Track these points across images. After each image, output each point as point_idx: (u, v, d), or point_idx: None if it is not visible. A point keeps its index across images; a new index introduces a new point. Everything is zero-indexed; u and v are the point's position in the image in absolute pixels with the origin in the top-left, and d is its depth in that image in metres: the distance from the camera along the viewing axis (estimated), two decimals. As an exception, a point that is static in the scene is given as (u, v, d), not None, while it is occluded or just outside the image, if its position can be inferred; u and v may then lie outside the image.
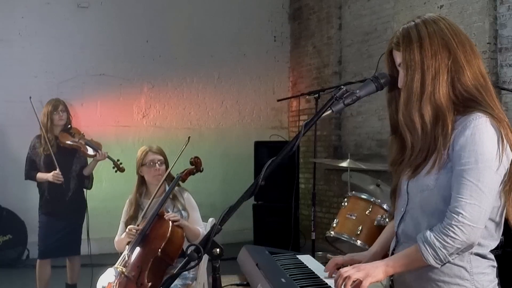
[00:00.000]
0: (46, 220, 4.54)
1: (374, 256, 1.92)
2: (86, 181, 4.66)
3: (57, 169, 4.36)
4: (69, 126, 4.60)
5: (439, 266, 1.60)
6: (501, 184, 1.61)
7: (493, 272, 1.69)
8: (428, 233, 1.60)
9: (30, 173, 4.54)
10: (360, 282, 1.59)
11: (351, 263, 1.92)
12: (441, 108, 1.64)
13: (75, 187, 4.58)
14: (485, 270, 1.66)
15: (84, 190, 4.68)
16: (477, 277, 1.64)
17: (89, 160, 4.69)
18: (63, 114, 4.53)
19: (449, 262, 1.60)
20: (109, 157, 4.62)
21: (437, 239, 1.57)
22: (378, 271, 1.63)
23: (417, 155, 1.68)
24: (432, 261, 1.58)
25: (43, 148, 4.45)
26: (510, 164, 1.61)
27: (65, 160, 4.46)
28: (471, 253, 1.64)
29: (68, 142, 4.52)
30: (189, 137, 3.53)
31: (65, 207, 4.50)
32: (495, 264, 1.70)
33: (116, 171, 4.66)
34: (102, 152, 4.58)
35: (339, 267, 1.89)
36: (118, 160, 4.65)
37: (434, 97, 1.64)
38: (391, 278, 1.82)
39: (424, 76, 1.64)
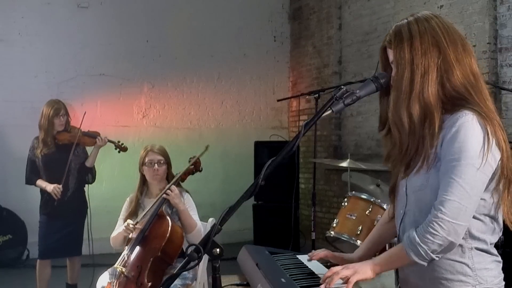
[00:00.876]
0: (46, 220, 4.53)
1: (360, 259, 1.93)
2: (89, 175, 4.62)
3: (61, 184, 4.38)
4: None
5: (424, 264, 1.60)
6: (491, 182, 1.61)
7: (498, 267, 1.68)
8: (411, 230, 1.61)
9: (31, 177, 4.54)
10: (348, 278, 1.63)
11: (340, 261, 1.93)
12: (429, 107, 1.64)
13: (75, 186, 4.56)
14: (488, 266, 1.66)
15: (85, 190, 4.65)
16: (480, 272, 1.64)
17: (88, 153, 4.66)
18: (63, 119, 4.50)
19: (433, 259, 1.59)
20: (109, 141, 4.60)
21: (418, 236, 1.58)
22: (366, 268, 1.66)
23: (405, 153, 1.69)
24: (414, 258, 1.59)
25: (41, 150, 4.44)
26: (500, 160, 1.61)
27: (62, 159, 4.43)
28: (472, 249, 1.64)
29: (67, 138, 4.49)
30: (207, 146, 3.51)
31: (65, 207, 4.47)
32: (499, 259, 1.69)
33: (119, 152, 4.66)
34: (102, 137, 4.54)
35: (327, 261, 1.92)
36: (119, 142, 4.64)
37: (423, 96, 1.64)
38: (399, 281, 1.82)
39: (414, 75, 1.65)
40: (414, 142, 1.66)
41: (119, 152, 4.67)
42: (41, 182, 4.48)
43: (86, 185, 4.67)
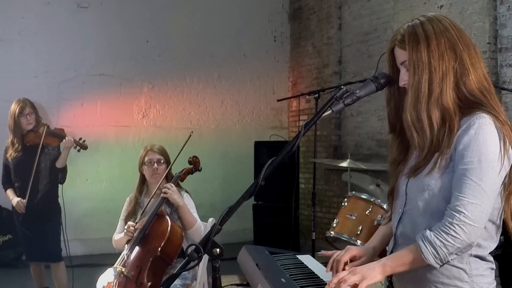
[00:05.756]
0: (19, 222, 4.42)
1: (373, 250, 1.90)
2: (60, 175, 4.43)
3: (26, 199, 4.23)
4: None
5: (438, 266, 1.58)
6: (501, 186, 1.60)
7: (492, 274, 1.68)
8: (428, 232, 1.58)
9: (4, 183, 4.43)
10: (357, 285, 1.57)
11: (357, 255, 1.87)
12: (448, 110, 1.62)
13: (46, 188, 4.38)
14: (484, 272, 1.65)
15: (60, 194, 4.48)
16: (476, 279, 1.63)
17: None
18: (30, 118, 4.31)
19: (447, 262, 1.58)
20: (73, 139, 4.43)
21: (437, 238, 1.55)
22: (375, 272, 1.59)
23: (425, 156, 1.66)
24: (432, 260, 1.56)
25: (10, 153, 4.31)
26: (511, 168, 1.60)
27: (31, 161, 4.27)
28: (471, 255, 1.63)
29: (32, 139, 4.33)
30: (191, 132, 3.53)
31: (36, 210, 4.31)
32: (493, 266, 1.69)
33: (79, 150, 4.49)
34: (67, 138, 4.33)
35: (328, 261, 1.88)
36: (80, 139, 4.45)
37: (442, 99, 1.62)
38: (389, 279, 1.81)
39: (432, 77, 1.63)
40: (433, 146, 1.64)
41: (78, 150, 4.48)
42: (9, 193, 4.36)
43: (62, 187, 4.50)
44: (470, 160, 1.56)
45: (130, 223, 3.33)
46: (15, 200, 4.30)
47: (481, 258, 1.65)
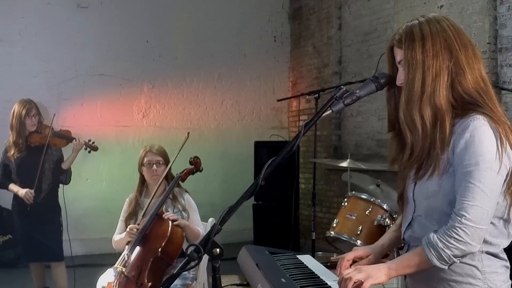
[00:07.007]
0: (20, 222, 4.43)
1: (382, 248, 1.91)
2: (63, 176, 4.47)
3: (33, 189, 4.23)
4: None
5: (445, 267, 1.59)
6: (504, 184, 1.60)
7: (506, 272, 1.68)
8: (432, 235, 1.59)
9: (4, 181, 4.41)
10: (362, 283, 1.59)
11: (362, 256, 1.90)
12: (440, 110, 1.63)
13: (49, 188, 4.41)
14: (497, 270, 1.65)
15: (60, 194, 4.50)
16: (490, 276, 1.63)
17: (65, 153, 4.53)
18: (35, 120, 4.33)
19: (454, 263, 1.58)
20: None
21: (440, 240, 1.56)
22: (380, 273, 1.62)
23: (417, 155, 1.67)
24: (436, 262, 1.58)
25: (12, 153, 4.31)
26: None
27: (35, 161, 4.29)
28: (482, 252, 1.63)
29: (38, 140, 4.34)
30: (188, 133, 3.53)
31: (38, 210, 4.31)
32: (508, 264, 1.69)
33: (89, 152, 4.53)
34: (78, 140, 4.38)
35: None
36: (89, 140, 4.50)
37: (434, 98, 1.63)
38: (405, 282, 1.81)
39: (425, 76, 1.64)
40: (426, 145, 1.65)
41: (89, 152, 4.52)
42: (13, 187, 4.35)
43: (63, 187, 4.52)
44: (468, 163, 1.57)
45: (132, 226, 3.32)
46: (22, 191, 4.27)
47: (494, 255, 1.65)
